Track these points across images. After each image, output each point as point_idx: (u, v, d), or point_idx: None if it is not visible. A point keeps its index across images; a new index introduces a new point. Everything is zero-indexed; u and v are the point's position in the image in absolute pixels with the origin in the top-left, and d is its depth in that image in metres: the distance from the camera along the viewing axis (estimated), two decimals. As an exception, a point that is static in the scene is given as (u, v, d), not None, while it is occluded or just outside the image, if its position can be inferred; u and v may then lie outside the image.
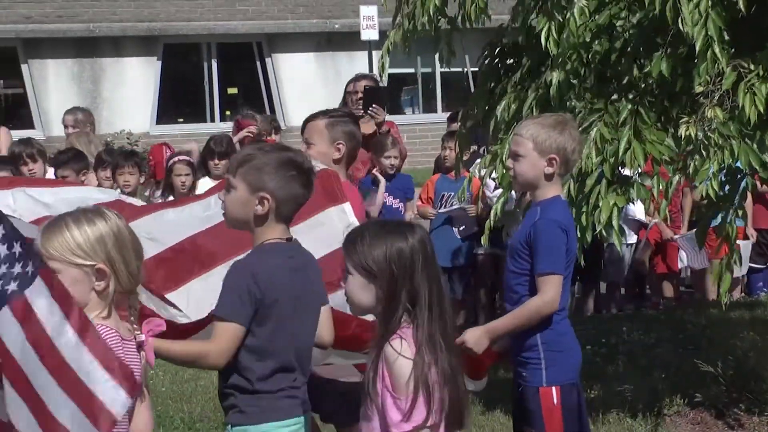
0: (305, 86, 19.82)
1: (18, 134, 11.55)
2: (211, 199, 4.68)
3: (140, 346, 3.50)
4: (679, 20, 5.32)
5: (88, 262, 3.38)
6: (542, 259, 4.55)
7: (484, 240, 6.45)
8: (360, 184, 9.49)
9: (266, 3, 20.25)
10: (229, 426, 4.03)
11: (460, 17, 6.39)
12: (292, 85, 20.11)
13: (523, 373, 4.66)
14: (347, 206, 4.71)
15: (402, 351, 3.47)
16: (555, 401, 4.61)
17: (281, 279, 3.92)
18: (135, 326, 3.51)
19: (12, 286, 3.14)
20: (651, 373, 7.21)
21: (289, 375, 4.02)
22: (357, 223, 4.46)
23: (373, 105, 9.78)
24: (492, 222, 6.32)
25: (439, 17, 6.43)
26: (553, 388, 4.61)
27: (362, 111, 9.92)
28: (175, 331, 4.11)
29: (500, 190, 6.62)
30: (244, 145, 9.18)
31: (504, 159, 5.98)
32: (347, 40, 20.07)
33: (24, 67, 19.00)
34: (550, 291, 4.54)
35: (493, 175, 6.47)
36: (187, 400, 7.27)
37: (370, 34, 18.40)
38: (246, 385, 3.97)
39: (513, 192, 6.44)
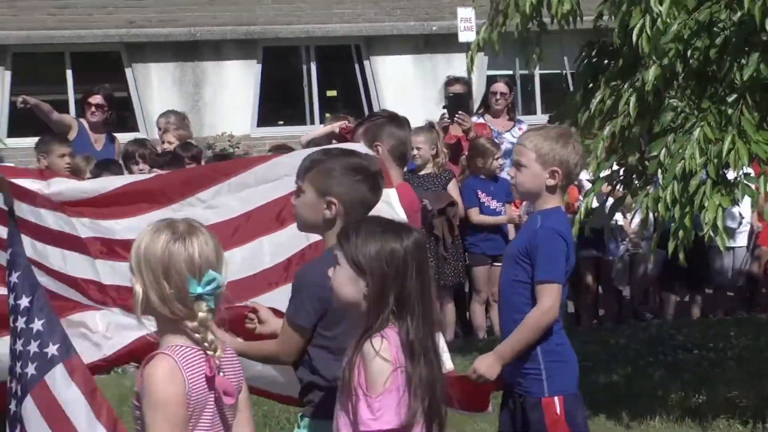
0: (403, 88, 19.86)
1: (122, 137, 11.77)
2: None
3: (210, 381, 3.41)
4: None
5: (133, 277, 3.38)
6: (542, 268, 4.54)
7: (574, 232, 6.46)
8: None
9: (364, 6, 20.33)
10: (300, 416, 4.12)
11: (551, 19, 6.38)
12: (390, 87, 20.17)
13: (522, 383, 4.64)
14: (393, 192, 4.73)
15: (380, 351, 3.45)
16: (558, 411, 4.58)
17: None
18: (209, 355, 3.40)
19: (30, 369, 3.17)
20: (761, 378, 7.09)
21: None
22: (401, 214, 4.51)
23: (459, 112, 9.90)
24: (581, 216, 6.32)
25: (533, 19, 6.43)
26: (556, 399, 4.59)
27: (448, 118, 10.06)
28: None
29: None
30: (337, 138, 9.31)
31: (599, 154, 5.99)
32: (445, 42, 20.05)
33: (128, 72, 19.34)
34: (548, 300, 4.53)
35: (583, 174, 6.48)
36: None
37: (467, 35, 18.34)
38: (321, 383, 4.05)
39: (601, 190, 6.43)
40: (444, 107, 10.29)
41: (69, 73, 19.12)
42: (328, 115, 15.74)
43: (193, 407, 3.29)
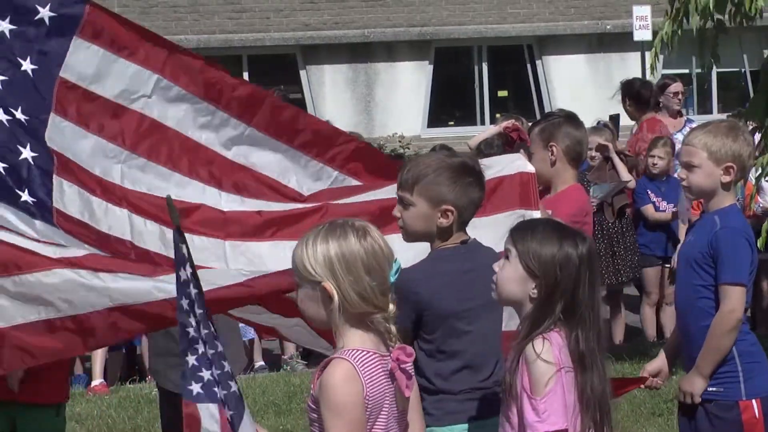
0: (576, 88, 19.71)
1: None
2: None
3: (392, 374, 3.39)
4: None
5: (316, 279, 3.32)
6: (727, 269, 4.39)
7: (761, 243, 6.28)
8: None
9: (537, 5, 20.29)
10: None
11: (730, 15, 6.21)
12: (563, 87, 20.09)
13: (713, 387, 4.47)
14: (537, 214, 4.62)
15: (542, 353, 3.42)
16: (757, 415, 4.42)
17: (450, 284, 3.94)
18: (391, 347, 3.41)
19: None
20: None
21: (473, 375, 4.01)
22: None
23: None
24: None
25: (711, 16, 6.27)
26: (754, 401, 4.43)
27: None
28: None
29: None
30: (505, 138, 9.30)
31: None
32: (619, 41, 19.85)
33: (302, 73, 19.78)
34: (731, 302, 4.38)
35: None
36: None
37: (643, 34, 18.08)
38: (428, 386, 3.98)
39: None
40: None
41: (246, 75, 19.60)
42: (498, 115, 15.74)
43: (370, 410, 3.29)
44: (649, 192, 9.45)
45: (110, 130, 4.53)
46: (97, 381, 9.13)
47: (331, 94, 19.70)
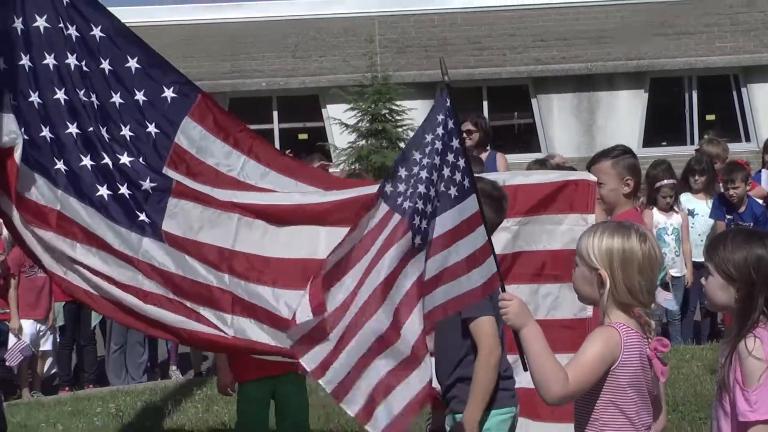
0: (779, 113, 19.65)
1: (525, 157, 12.47)
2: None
3: (649, 361, 3.39)
4: None
5: (595, 266, 3.37)
6: None
7: None
8: None
9: (743, 39, 20.18)
10: (451, 414, 4.25)
11: None
12: (766, 113, 19.93)
13: None
14: (591, 218, 4.75)
15: (753, 350, 3.37)
16: None
17: None
18: (648, 338, 3.41)
19: None
20: None
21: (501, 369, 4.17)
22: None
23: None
24: None
25: None
26: None
27: None
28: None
29: None
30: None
31: None
32: (819, 69, 19.63)
33: (533, 101, 20.06)
34: None
35: None
36: (671, 385, 7.41)
37: None
38: (470, 376, 4.12)
39: None
40: None
41: (485, 104, 20.02)
42: (705, 136, 15.91)
43: (628, 382, 3.33)
44: None
45: (214, 184, 4.71)
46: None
47: (558, 120, 19.91)
